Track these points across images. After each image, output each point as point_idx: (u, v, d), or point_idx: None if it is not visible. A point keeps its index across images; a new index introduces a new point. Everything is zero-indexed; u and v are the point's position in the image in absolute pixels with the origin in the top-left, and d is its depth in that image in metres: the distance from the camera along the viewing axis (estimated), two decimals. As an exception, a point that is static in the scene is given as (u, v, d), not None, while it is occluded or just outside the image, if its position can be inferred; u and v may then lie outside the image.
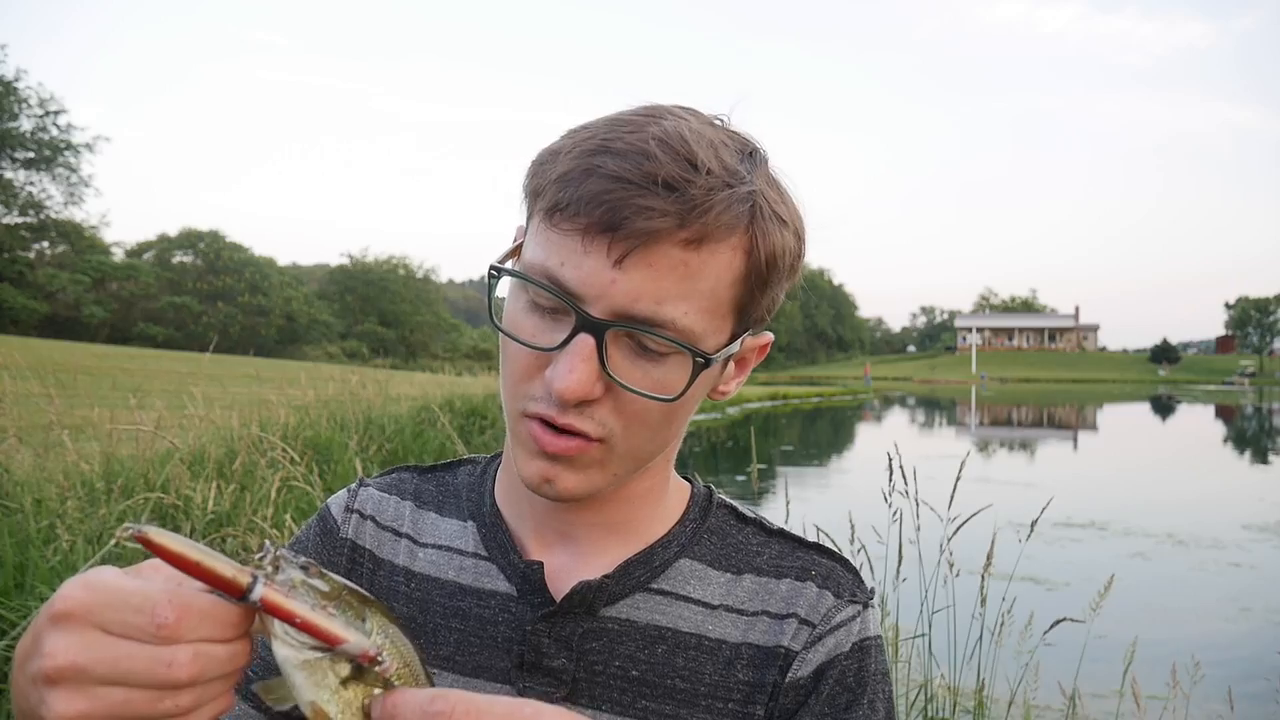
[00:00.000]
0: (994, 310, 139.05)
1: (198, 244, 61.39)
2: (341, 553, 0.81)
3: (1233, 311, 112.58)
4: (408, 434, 7.77)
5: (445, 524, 0.81)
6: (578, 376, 0.62)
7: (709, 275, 0.64)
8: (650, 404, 0.66)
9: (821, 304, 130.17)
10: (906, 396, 51.95)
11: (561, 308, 0.64)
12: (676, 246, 0.62)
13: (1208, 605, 6.92)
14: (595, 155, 0.63)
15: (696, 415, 8.19)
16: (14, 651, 0.49)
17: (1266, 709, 4.36)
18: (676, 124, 0.64)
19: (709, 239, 0.62)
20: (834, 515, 3.24)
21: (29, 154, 47.39)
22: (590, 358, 0.63)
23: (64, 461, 4.71)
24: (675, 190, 0.61)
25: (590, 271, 0.62)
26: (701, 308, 0.64)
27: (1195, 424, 32.68)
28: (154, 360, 20.71)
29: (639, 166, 0.61)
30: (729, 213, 0.63)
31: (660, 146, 0.62)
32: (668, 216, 0.61)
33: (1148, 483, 14.67)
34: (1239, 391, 66.33)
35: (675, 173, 0.61)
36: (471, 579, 0.77)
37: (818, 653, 0.72)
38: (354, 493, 0.84)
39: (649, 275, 0.62)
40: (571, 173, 0.63)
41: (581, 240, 0.62)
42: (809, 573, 0.76)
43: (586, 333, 0.63)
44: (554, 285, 0.64)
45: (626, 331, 0.64)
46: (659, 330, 0.63)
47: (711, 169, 0.62)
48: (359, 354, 51.85)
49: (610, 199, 0.61)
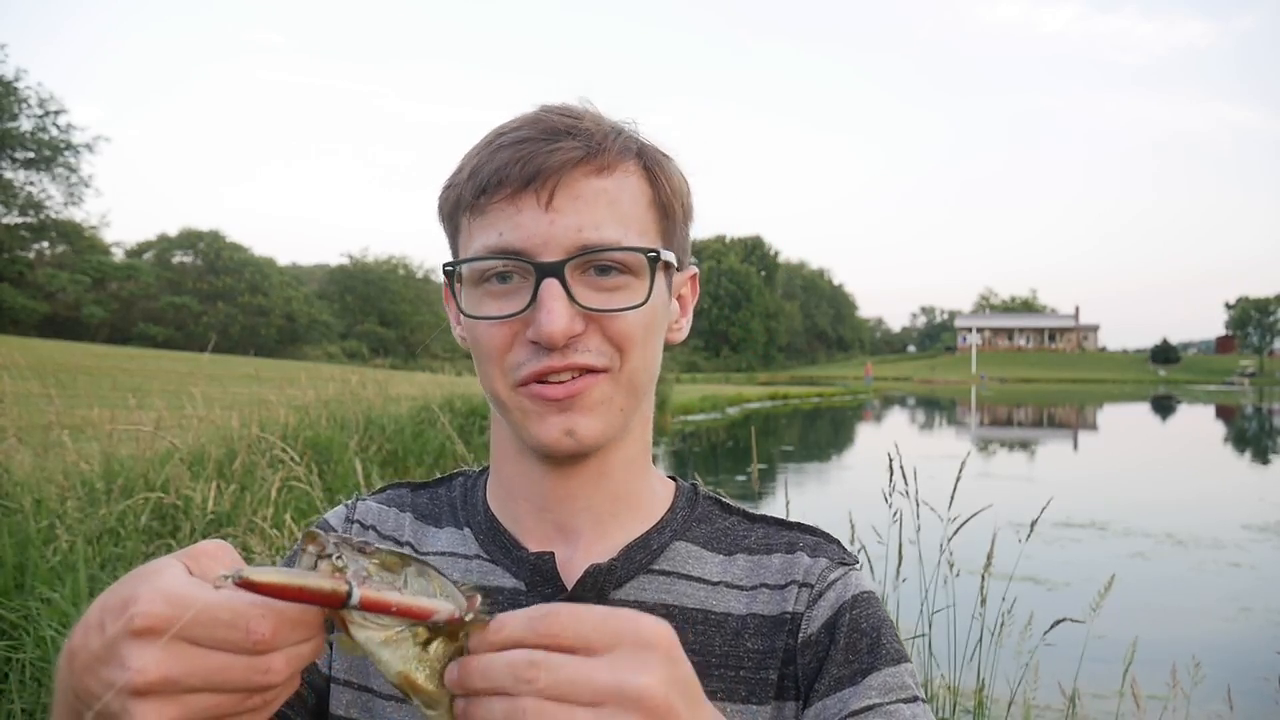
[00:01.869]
0: (994, 310, 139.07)
1: (197, 244, 61.38)
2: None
3: (1233, 311, 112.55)
4: (408, 434, 7.77)
5: (443, 534, 0.83)
6: (558, 316, 0.68)
7: (626, 198, 0.72)
8: (631, 321, 0.72)
9: (821, 304, 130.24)
10: (906, 396, 51.96)
11: (518, 272, 0.71)
12: (591, 175, 0.70)
13: (1208, 605, 6.92)
14: (494, 141, 0.73)
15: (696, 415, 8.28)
16: (66, 646, 0.49)
17: (1266, 709, 4.36)
18: (546, 105, 0.75)
19: (613, 166, 0.71)
20: (834, 515, 3.24)
21: (29, 154, 47.38)
22: (560, 296, 0.69)
23: (64, 461, 4.71)
24: (571, 134, 0.71)
25: (529, 225, 0.69)
26: (635, 230, 0.72)
27: (1195, 424, 32.69)
28: (154, 360, 20.72)
29: (534, 128, 0.72)
30: (619, 143, 0.72)
31: (544, 111, 0.73)
32: (572, 150, 0.70)
33: (1148, 483, 14.67)
34: (1239, 392, 66.31)
35: (567, 122, 0.71)
36: (476, 579, 0.79)
37: (821, 609, 0.76)
38: (353, 506, 0.87)
39: (579, 206, 0.69)
40: (480, 163, 0.72)
41: (510, 202, 0.70)
42: (796, 546, 0.80)
43: (548, 277, 0.69)
44: (503, 253, 0.70)
45: (582, 263, 0.70)
46: (609, 249, 0.70)
47: (589, 113, 0.74)
48: (359, 354, 51.84)
49: (521, 155, 0.70)
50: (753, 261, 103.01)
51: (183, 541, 4.18)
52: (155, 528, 4.34)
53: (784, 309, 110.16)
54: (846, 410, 35.69)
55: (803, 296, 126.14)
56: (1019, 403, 45.31)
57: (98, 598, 0.49)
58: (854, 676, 0.73)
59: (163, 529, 4.36)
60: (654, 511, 0.81)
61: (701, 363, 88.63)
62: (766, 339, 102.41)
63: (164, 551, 4.13)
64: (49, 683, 3.07)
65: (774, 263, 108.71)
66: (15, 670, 3.14)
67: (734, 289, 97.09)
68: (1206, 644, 5.66)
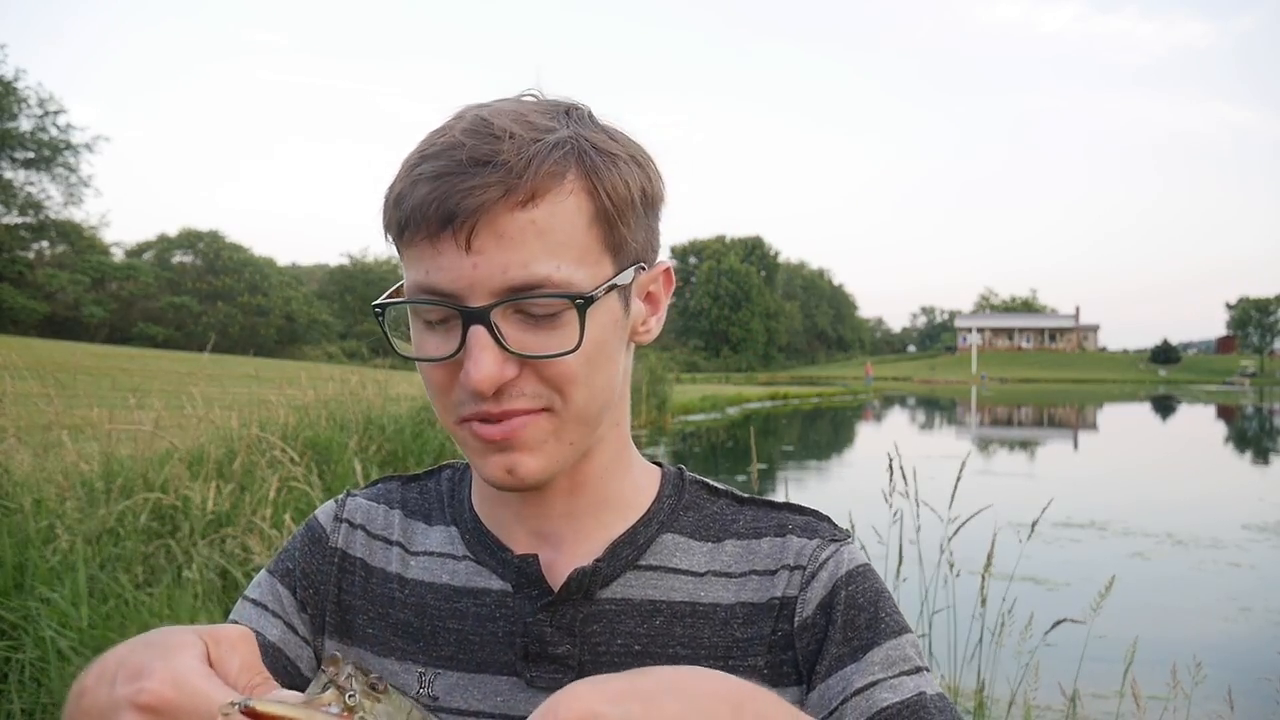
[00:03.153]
0: (994, 310, 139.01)
1: (197, 244, 61.35)
2: (331, 561, 0.82)
3: (1233, 312, 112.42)
4: (408, 434, 7.76)
5: (433, 531, 0.82)
6: (483, 367, 0.65)
7: (560, 226, 0.66)
8: (568, 363, 0.67)
9: (821, 304, 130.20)
10: (906, 396, 51.96)
11: (448, 314, 0.67)
12: (514, 210, 0.64)
13: (1208, 605, 6.92)
14: (416, 168, 0.67)
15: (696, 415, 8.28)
16: (79, 681, 0.51)
17: (1266, 709, 4.36)
18: (480, 110, 0.68)
19: (540, 193, 0.65)
20: (834, 515, 3.22)
21: (28, 154, 47.36)
22: (488, 345, 0.65)
23: (63, 461, 4.71)
24: (488, 163, 0.64)
25: (450, 267, 0.65)
26: (570, 259, 0.66)
27: (1195, 424, 32.69)
28: (153, 360, 20.71)
29: (451, 158, 0.65)
30: (548, 162, 0.65)
31: (466, 135, 0.66)
32: (490, 187, 0.64)
33: (1148, 483, 14.67)
34: (1239, 392, 66.29)
35: (483, 149, 0.64)
36: (465, 580, 0.78)
37: (815, 590, 0.75)
38: (342, 503, 0.85)
39: (502, 245, 0.64)
40: (403, 193, 0.67)
41: (431, 244, 0.65)
42: (786, 528, 0.79)
43: (474, 324, 0.65)
44: (429, 295, 0.66)
45: (511, 306, 0.66)
46: (535, 291, 0.65)
47: (515, 133, 0.66)
48: (359, 354, 51.83)
49: (436, 195, 0.64)
50: (753, 261, 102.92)
51: (181, 542, 4.18)
52: (155, 528, 4.34)
53: (784, 309, 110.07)
54: (846, 410, 35.69)
55: (803, 296, 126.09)
56: (1019, 403, 45.30)
57: (121, 645, 0.51)
58: (854, 654, 0.71)
59: (162, 529, 4.36)
60: (638, 506, 0.79)
61: (701, 363, 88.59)
62: (766, 339, 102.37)
63: (163, 552, 4.14)
64: (48, 683, 3.07)
65: (774, 263, 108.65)
66: (15, 670, 3.14)
67: (734, 289, 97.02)
68: (1206, 644, 5.66)
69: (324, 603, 0.80)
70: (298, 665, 0.79)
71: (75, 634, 3.15)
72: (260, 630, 0.78)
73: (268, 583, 0.81)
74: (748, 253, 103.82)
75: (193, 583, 3.69)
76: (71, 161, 48.63)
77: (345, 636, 0.80)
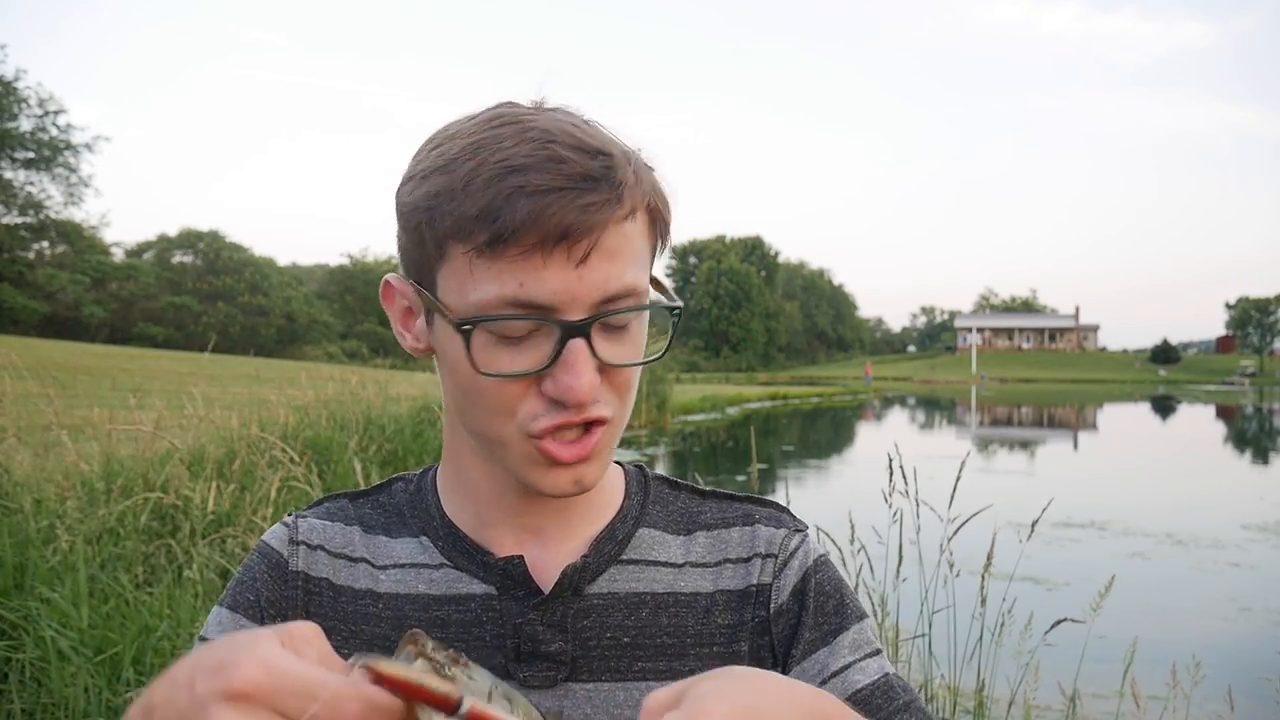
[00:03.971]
0: (994, 310, 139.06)
1: (197, 244, 61.37)
2: (295, 586, 0.79)
3: (1233, 311, 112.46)
4: (408, 434, 7.76)
5: (399, 544, 0.80)
6: (587, 380, 0.66)
7: (639, 237, 0.69)
8: (634, 372, 0.72)
9: (821, 304, 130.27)
10: (906, 396, 51.95)
11: (534, 327, 0.66)
12: (619, 225, 0.66)
13: (1208, 605, 6.92)
14: (508, 177, 0.64)
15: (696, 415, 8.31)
16: (143, 699, 0.48)
17: (1266, 709, 4.37)
18: (548, 121, 0.68)
19: (637, 207, 0.68)
20: (834, 515, 3.24)
21: (28, 154, 47.37)
22: (589, 358, 0.67)
23: (63, 461, 4.71)
24: (598, 179, 0.65)
25: (555, 281, 0.64)
26: (641, 266, 0.70)
27: (1195, 424, 32.69)
28: (154, 360, 20.72)
29: (559, 172, 0.64)
30: (640, 180, 0.68)
31: (563, 148, 0.65)
32: (606, 205, 0.64)
33: (1148, 483, 14.68)
34: (1239, 392, 66.29)
35: (592, 165, 0.65)
36: (444, 588, 0.77)
37: (788, 577, 0.79)
38: (293, 525, 0.82)
39: (607, 259, 0.66)
40: (494, 203, 0.63)
41: (538, 256, 0.64)
42: (752, 518, 0.83)
43: (574, 336, 0.66)
44: (518, 308, 0.65)
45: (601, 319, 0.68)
46: (622, 303, 0.68)
47: (603, 149, 0.66)
48: (359, 354, 51.86)
49: (552, 210, 0.63)
50: (753, 261, 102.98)
51: (182, 542, 4.18)
52: (155, 528, 4.34)
53: (784, 309, 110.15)
54: (846, 410, 35.69)
55: (803, 296, 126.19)
56: (1019, 403, 45.30)
57: (185, 657, 0.48)
58: (826, 638, 0.76)
59: (162, 529, 4.36)
60: (612, 500, 0.82)
61: (701, 363, 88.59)
62: (766, 339, 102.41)
63: (164, 552, 4.14)
64: (49, 683, 3.07)
65: (774, 263, 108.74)
66: (15, 670, 3.14)
67: (734, 289, 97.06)
68: (1206, 644, 5.66)
69: None
70: None
71: (75, 634, 3.15)
72: None
73: (229, 619, 0.77)
74: (748, 253, 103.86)
75: (193, 582, 3.70)
76: (71, 161, 48.67)
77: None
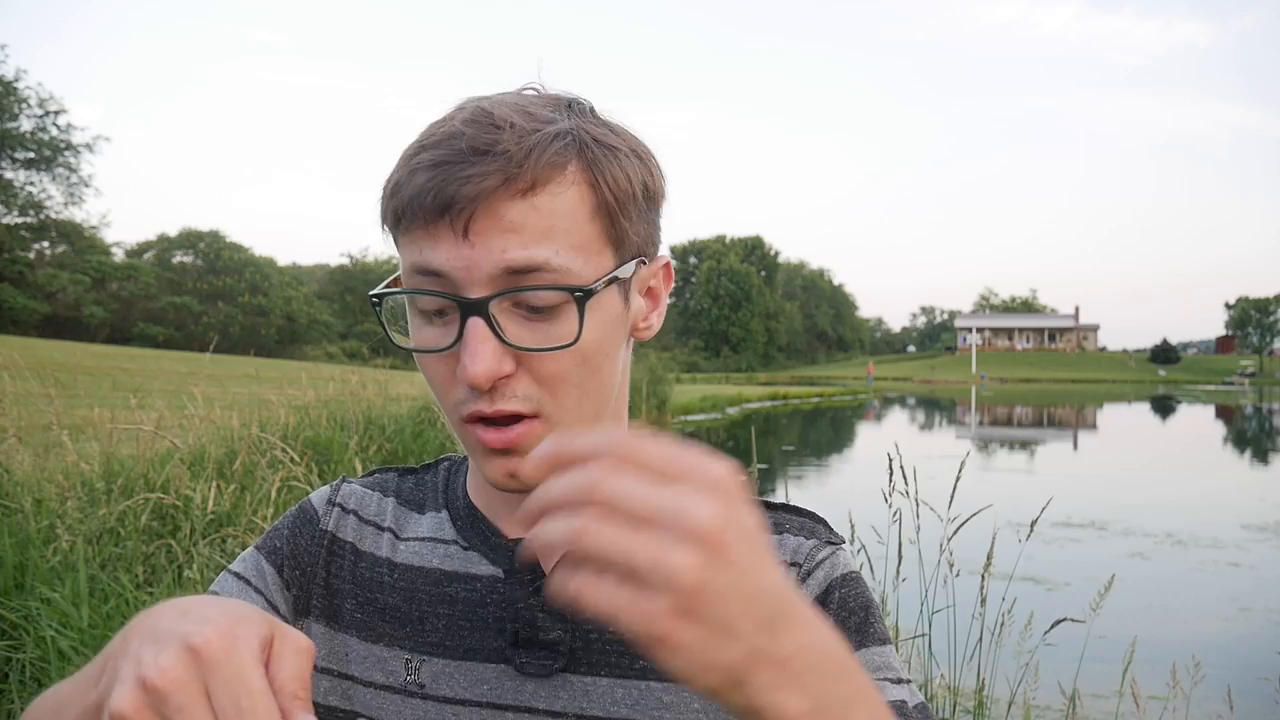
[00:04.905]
0: (994, 310, 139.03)
1: (198, 244, 61.42)
2: (321, 544, 0.81)
3: (1233, 311, 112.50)
4: (408, 434, 7.76)
5: (425, 519, 0.82)
6: (481, 360, 0.64)
7: (562, 214, 0.65)
8: (562, 360, 0.67)
9: (821, 304, 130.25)
10: (906, 396, 51.95)
11: (445, 305, 0.66)
12: (514, 199, 0.64)
13: (1208, 605, 6.92)
14: (415, 157, 0.66)
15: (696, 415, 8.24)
16: (153, 607, 0.50)
17: (1266, 709, 4.37)
18: (481, 102, 0.68)
19: (541, 182, 0.64)
20: (834, 515, 3.23)
21: (29, 154, 47.40)
22: (486, 337, 0.64)
23: (64, 461, 4.71)
24: (488, 152, 0.63)
25: (446, 255, 0.64)
26: (570, 247, 0.65)
27: (1195, 424, 32.69)
28: (154, 360, 20.72)
29: (451, 147, 0.64)
30: (548, 152, 0.65)
31: (466, 124, 0.65)
32: (490, 175, 0.63)
33: (1148, 483, 14.68)
34: (1239, 391, 66.28)
35: (483, 138, 0.64)
36: (456, 565, 0.78)
37: (810, 587, 0.74)
38: (336, 488, 0.85)
39: (501, 229, 0.64)
40: (400, 181, 0.66)
41: (426, 232, 0.65)
42: (783, 527, 0.78)
43: (473, 315, 0.64)
44: (425, 277, 0.66)
45: (510, 299, 0.65)
46: (534, 277, 0.64)
47: (515, 123, 0.65)
48: (359, 354, 51.81)
49: (435, 183, 0.63)
50: (753, 261, 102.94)
51: (182, 542, 4.18)
52: (155, 528, 4.34)
53: (784, 309, 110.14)
54: (846, 410, 35.68)
55: (803, 296, 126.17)
56: (1019, 403, 45.29)
57: (202, 596, 0.50)
58: None
59: (163, 529, 4.36)
60: None
61: (701, 363, 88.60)
62: (766, 339, 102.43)
63: (164, 552, 4.14)
64: (49, 683, 3.07)
65: (774, 263, 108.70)
66: (15, 670, 3.14)
67: (734, 289, 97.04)
68: (1206, 644, 5.66)
69: (311, 584, 0.80)
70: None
71: (76, 634, 3.15)
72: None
73: (253, 558, 0.80)
74: (748, 253, 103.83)
75: (193, 583, 3.70)
76: (72, 162, 48.74)
77: (332, 621, 0.79)
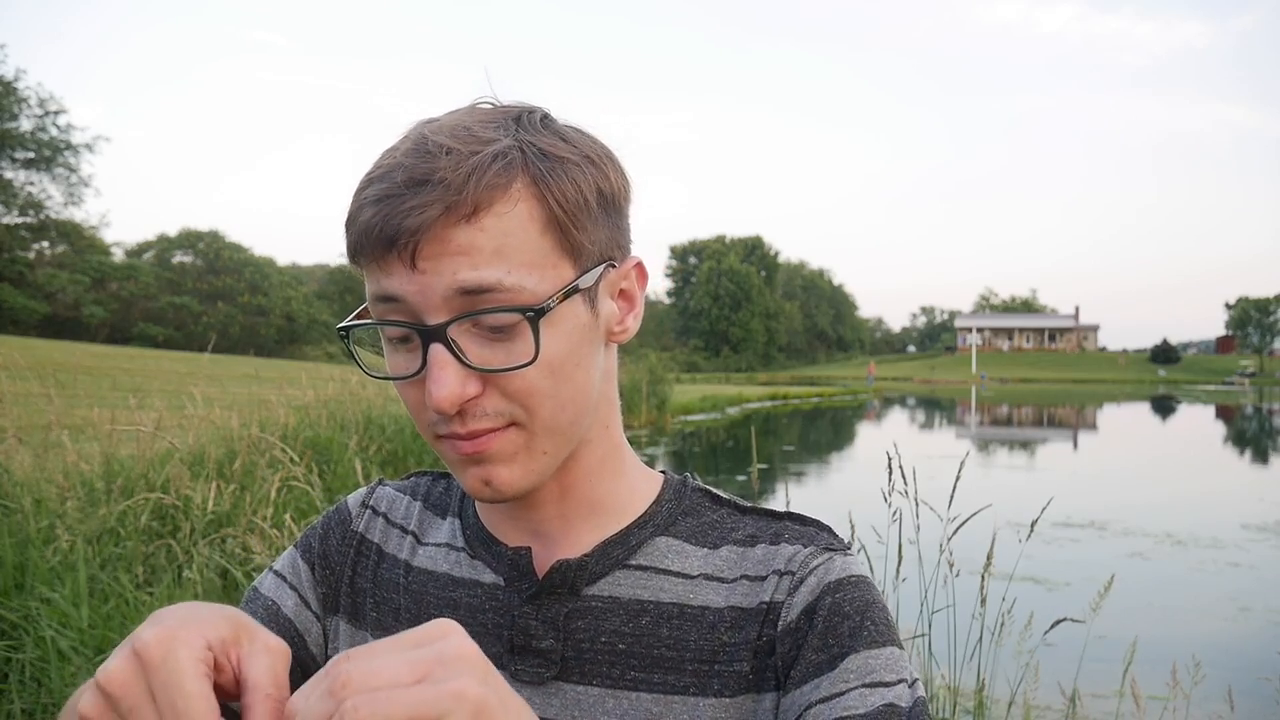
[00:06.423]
0: (994, 310, 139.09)
1: (197, 244, 61.40)
2: (351, 544, 0.85)
3: (1233, 311, 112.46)
4: (408, 434, 7.76)
5: (445, 524, 0.85)
6: (444, 385, 0.65)
7: (510, 233, 0.65)
8: (528, 376, 0.67)
9: (821, 304, 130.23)
10: (906, 396, 51.95)
11: (408, 333, 0.68)
12: (458, 225, 0.64)
13: (1208, 605, 6.92)
14: (363, 191, 0.67)
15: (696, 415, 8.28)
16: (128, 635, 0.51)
17: (1266, 709, 4.37)
18: (424, 128, 0.68)
19: (483, 205, 0.64)
20: (834, 515, 3.23)
21: (29, 154, 47.39)
22: (448, 363, 0.65)
23: (64, 461, 4.71)
24: (426, 182, 0.64)
25: (400, 283, 0.65)
26: (521, 265, 0.65)
27: (1195, 424, 32.69)
28: (154, 360, 20.72)
29: (392, 180, 0.65)
30: (489, 174, 0.64)
31: (406, 155, 0.66)
32: (430, 206, 0.63)
33: (1148, 483, 14.68)
34: (1239, 391, 66.27)
35: (420, 168, 0.64)
36: (464, 571, 0.79)
37: (801, 595, 0.72)
38: (371, 490, 0.89)
39: (450, 255, 0.64)
40: (352, 215, 0.67)
41: (379, 265, 0.66)
42: (782, 536, 0.77)
43: (433, 341, 0.65)
44: (386, 305, 0.67)
45: (469, 322, 0.66)
46: (487, 298, 0.65)
47: (452, 149, 0.65)
48: (359, 354, 51.75)
49: (379, 218, 0.64)
50: (753, 261, 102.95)
51: (182, 542, 4.18)
52: (155, 528, 4.34)
53: (784, 309, 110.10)
54: (846, 410, 35.68)
55: (803, 296, 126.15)
56: (1019, 403, 45.29)
57: (188, 603, 0.51)
58: (831, 661, 0.69)
59: (163, 529, 4.37)
60: (634, 510, 0.78)
61: (701, 363, 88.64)
62: (766, 339, 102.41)
63: (164, 552, 4.14)
64: (49, 683, 3.07)
65: (774, 263, 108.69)
66: (15, 670, 3.14)
67: (734, 289, 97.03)
68: (1206, 644, 5.66)
69: (339, 583, 0.84)
70: (305, 639, 0.82)
71: (76, 634, 3.15)
72: (277, 600, 0.82)
73: (290, 557, 0.86)
74: (748, 253, 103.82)
75: (193, 583, 3.70)
76: (72, 161, 48.70)
77: (355, 619, 0.83)
